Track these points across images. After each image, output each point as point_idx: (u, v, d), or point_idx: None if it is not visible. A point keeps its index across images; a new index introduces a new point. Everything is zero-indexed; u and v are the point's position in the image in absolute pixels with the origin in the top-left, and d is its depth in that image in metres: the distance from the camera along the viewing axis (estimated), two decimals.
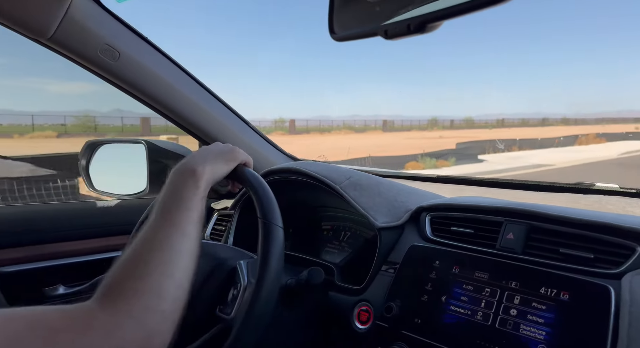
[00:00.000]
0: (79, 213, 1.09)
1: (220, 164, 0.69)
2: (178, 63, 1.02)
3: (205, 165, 0.66)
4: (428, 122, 55.61)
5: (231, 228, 1.06)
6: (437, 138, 26.27)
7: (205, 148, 0.71)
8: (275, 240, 0.69)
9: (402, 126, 47.09)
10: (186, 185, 0.62)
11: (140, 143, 1.22)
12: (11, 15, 0.76)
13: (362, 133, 36.03)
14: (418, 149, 16.98)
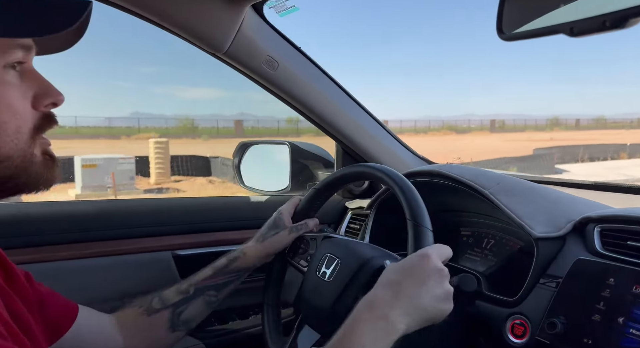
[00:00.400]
0: (237, 205, 1.22)
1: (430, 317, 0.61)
2: (324, 69, 1.09)
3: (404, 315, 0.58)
4: (548, 122, 49.30)
5: (367, 227, 1.09)
6: (546, 140, 22.93)
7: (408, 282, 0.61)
8: (426, 242, 0.69)
9: (515, 126, 41.74)
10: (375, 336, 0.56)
11: (284, 144, 1.32)
12: (194, 33, 0.89)
13: (463, 134, 32.83)
14: (499, 153, 15.09)
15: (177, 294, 0.81)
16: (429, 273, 0.61)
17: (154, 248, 1.01)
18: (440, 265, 0.63)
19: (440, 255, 0.65)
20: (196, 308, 0.81)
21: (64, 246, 0.91)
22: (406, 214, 0.73)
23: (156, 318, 0.78)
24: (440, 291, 0.61)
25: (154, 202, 1.21)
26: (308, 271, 0.82)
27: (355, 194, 1.28)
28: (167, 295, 0.80)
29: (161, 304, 0.79)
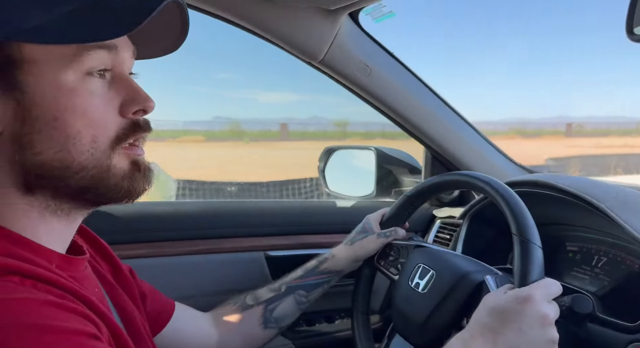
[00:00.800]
0: (325, 210, 1.25)
1: None
2: (416, 74, 1.07)
3: None
4: (638, 126, 42.68)
5: (459, 237, 1.05)
6: (619, 147, 19.37)
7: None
8: (535, 260, 0.65)
9: (596, 130, 36.13)
10: None
11: (370, 149, 1.32)
12: (292, 42, 0.92)
13: (532, 138, 28.94)
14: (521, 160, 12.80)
15: (269, 291, 0.84)
16: (529, 322, 0.55)
17: (248, 248, 1.06)
18: (544, 310, 0.56)
19: (547, 295, 0.58)
20: (287, 306, 0.83)
21: (169, 243, 0.99)
22: (512, 228, 0.69)
23: (249, 314, 0.81)
24: (542, 342, 0.55)
25: (249, 204, 1.27)
26: (400, 281, 0.81)
27: (443, 202, 1.24)
28: (259, 293, 0.84)
29: (254, 301, 0.82)
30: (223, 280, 1.03)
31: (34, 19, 0.42)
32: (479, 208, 1.02)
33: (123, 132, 0.48)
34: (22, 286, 0.39)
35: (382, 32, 0.97)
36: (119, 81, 0.48)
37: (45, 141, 0.44)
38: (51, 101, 0.44)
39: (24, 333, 0.35)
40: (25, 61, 0.43)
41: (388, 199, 1.33)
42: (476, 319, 0.59)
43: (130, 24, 0.43)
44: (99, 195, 0.48)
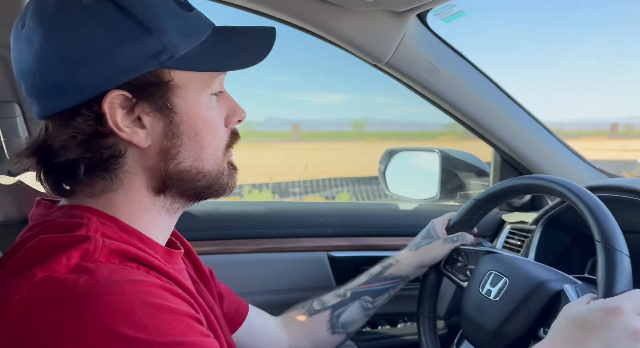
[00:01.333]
0: (387, 212, 1.25)
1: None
2: (485, 73, 1.03)
3: None
4: None
5: (532, 244, 1.00)
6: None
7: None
8: (622, 269, 0.60)
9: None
10: None
11: (434, 151, 1.29)
12: (359, 45, 0.93)
13: (571, 139, 25.42)
14: None
15: (334, 297, 0.85)
16: (618, 336, 0.51)
17: (311, 248, 1.08)
18: (635, 324, 0.52)
19: (638, 307, 0.54)
20: (353, 312, 0.83)
21: (237, 242, 1.03)
22: (595, 235, 0.64)
23: (317, 318, 0.82)
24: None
25: (312, 205, 1.29)
26: (470, 287, 0.79)
27: (514, 206, 1.19)
28: (325, 298, 0.85)
29: (320, 305, 0.84)
30: (287, 279, 1.06)
31: (182, 49, 0.49)
32: (554, 213, 0.96)
33: (229, 140, 0.56)
34: (139, 271, 0.45)
35: (453, 32, 0.95)
36: (223, 96, 0.56)
37: (187, 152, 0.52)
38: (194, 119, 0.51)
39: (146, 310, 0.41)
40: (176, 85, 0.50)
41: (453, 203, 1.30)
42: (557, 329, 0.56)
43: (259, 55, 0.52)
44: (210, 193, 0.56)
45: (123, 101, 0.48)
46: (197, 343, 0.43)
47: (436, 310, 0.89)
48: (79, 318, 0.38)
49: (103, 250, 0.43)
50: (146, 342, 0.39)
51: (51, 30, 0.46)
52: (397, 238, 1.14)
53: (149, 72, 0.48)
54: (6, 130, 0.91)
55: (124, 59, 0.47)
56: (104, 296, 0.40)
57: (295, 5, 0.85)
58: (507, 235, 1.13)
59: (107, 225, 0.49)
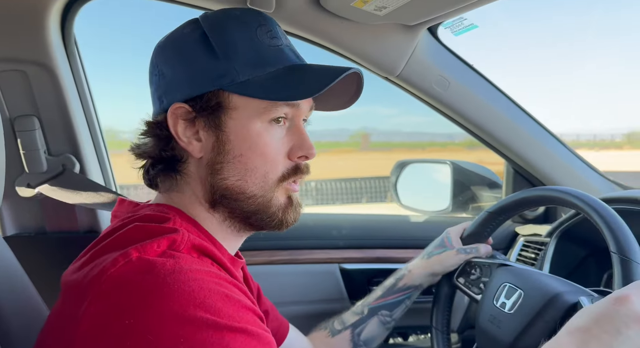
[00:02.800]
0: (399, 224, 1.24)
1: None
2: (496, 85, 1.04)
3: None
4: None
5: (546, 257, 0.99)
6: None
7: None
8: (638, 279, 0.60)
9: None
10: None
11: (445, 163, 1.29)
12: (370, 59, 0.94)
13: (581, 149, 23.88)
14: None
15: (353, 315, 0.85)
16: (627, 322, 0.50)
17: (323, 260, 1.08)
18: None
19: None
20: (373, 328, 0.84)
21: (257, 253, 1.03)
22: (610, 246, 0.64)
23: (339, 339, 0.84)
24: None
25: (324, 217, 1.30)
26: (483, 300, 0.78)
27: (527, 219, 1.18)
28: (345, 317, 0.86)
29: (341, 325, 0.85)
30: (299, 291, 1.06)
31: (244, 76, 0.54)
32: (569, 225, 0.95)
33: (287, 172, 0.58)
34: (213, 266, 0.50)
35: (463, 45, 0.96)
36: (295, 129, 0.58)
37: (231, 170, 0.55)
38: (241, 140, 0.55)
39: (220, 297, 0.45)
40: (230, 107, 0.55)
41: (465, 215, 1.29)
42: (568, 324, 0.55)
43: (314, 90, 0.54)
44: (259, 220, 0.57)
45: (185, 113, 0.55)
46: (261, 335, 0.46)
47: (450, 324, 0.88)
48: (164, 294, 0.43)
49: (187, 243, 0.49)
50: (220, 325, 0.43)
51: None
52: (408, 250, 1.14)
53: (210, 92, 0.54)
54: (25, 143, 0.94)
55: (191, 78, 0.55)
56: (186, 280, 0.44)
57: (309, 20, 0.87)
58: (520, 247, 1.12)
59: (188, 223, 0.54)
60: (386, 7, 0.78)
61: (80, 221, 1.02)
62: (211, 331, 0.42)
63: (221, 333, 0.42)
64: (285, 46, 0.58)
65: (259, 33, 0.57)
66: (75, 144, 0.96)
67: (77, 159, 0.97)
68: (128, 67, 23.25)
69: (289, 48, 0.59)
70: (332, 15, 0.85)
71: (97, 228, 1.03)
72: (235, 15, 0.58)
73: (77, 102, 0.96)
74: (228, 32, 0.56)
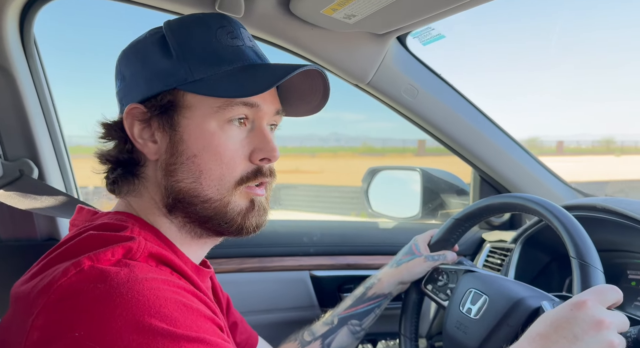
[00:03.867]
0: (369, 231, 1.25)
1: None
2: (463, 94, 1.06)
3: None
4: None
5: (511, 262, 1.01)
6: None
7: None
8: (596, 284, 0.62)
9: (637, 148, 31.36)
10: None
11: (415, 170, 1.31)
12: (341, 66, 0.95)
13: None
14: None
15: (323, 326, 0.84)
16: (583, 327, 0.52)
17: (293, 268, 1.07)
18: (599, 315, 0.53)
19: (603, 300, 0.55)
20: (343, 338, 0.83)
21: (226, 260, 1.01)
22: (570, 251, 0.66)
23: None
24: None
25: (294, 224, 1.28)
26: (450, 306, 0.79)
27: (493, 225, 1.21)
28: (315, 328, 0.85)
29: (311, 336, 0.84)
30: (269, 298, 1.05)
31: (198, 74, 0.53)
32: (533, 232, 0.98)
33: (247, 175, 0.55)
34: (172, 275, 0.48)
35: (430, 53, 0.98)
36: (256, 131, 0.56)
37: (185, 171, 0.53)
38: (194, 140, 0.53)
39: (177, 307, 0.43)
40: (184, 106, 0.53)
41: (434, 222, 1.31)
42: (529, 331, 0.57)
43: (263, 86, 0.52)
44: (217, 226, 0.55)
45: (140, 114, 0.54)
46: (220, 344, 0.45)
47: (418, 330, 0.89)
48: (117, 304, 0.41)
49: (144, 251, 0.47)
50: (175, 335, 0.42)
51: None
52: (379, 256, 1.15)
53: (164, 92, 0.53)
54: None
55: (147, 79, 0.54)
56: (141, 289, 0.43)
57: (279, 26, 0.86)
58: (487, 253, 1.14)
59: (148, 232, 0.52)
60: (355, 16, 0.79)
61: (39, 228, 0.97)
62: (167, 341, 0.41)
63: (177, 343, 0.41)
64: (247, 47, 0.56)
65: (218, 34, 0.55)
66: (33, 149, 0.92)
67: (36, 164, 0.93)
68: (98, 68, 22.58)
69: (251, 49, 0.57)
70: (302, 22, 0.85)
71: (57, 236, 0.99)
72: (197, 18, 0.57)
73: (36, 105, 0.93)
74: (186, 33, 0.55)
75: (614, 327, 0.53)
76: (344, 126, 60.29)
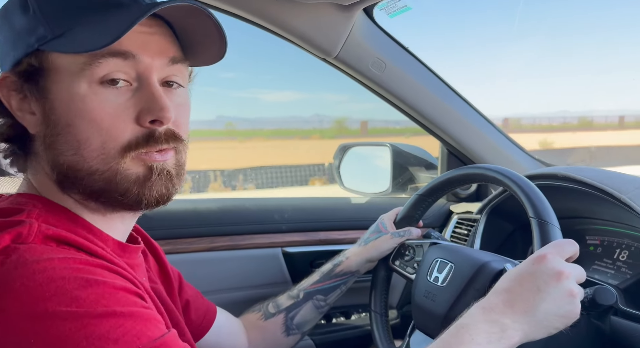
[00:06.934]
0: (341, 206, 1.25)
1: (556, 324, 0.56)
2: (431, 68, 1.06)
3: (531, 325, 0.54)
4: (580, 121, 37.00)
5: (477, 233, 1.04)
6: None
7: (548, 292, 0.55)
8: (555, 240, 0.64)
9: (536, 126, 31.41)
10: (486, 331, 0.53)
11: (385, 145, 1.32)
12: (308, 39, 0.93)
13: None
14: None
15: (288, 299, 0.85)
16: (545, 279, 0.55)
17: (265, 245, 1.07)
18: (559, 266, 0.56)
19: (561, 253, 0.58)
20: (307, 312, 0.84)
21: (196, 240, 1.00)
22: (529, 212, 0.69)
23: (272, 322, 0.83)
24: (560, 297, 0.54)
25: (266, 201, 1.28)
26: (418, 277, 0.81)
27: (461, 197, 1.23)
28: (280, 301, 0.85)
29: (276, 309, 0.84)
30: (241, 276, 1.05)
31: (60, 29, 0.46)
32: (497, 202, 1.01)
33: (136, 140, 0.48)
34: (78, 253, 0.44)
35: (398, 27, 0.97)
36: (143, 89, 0.49)
37: (63, 143, 0.48)
38: (65, 107, 0.47)
39: (77, 284, 0.40)
40: (51, 69, 0.47)
41: (404, 196, 1.33)
42: (494, 287, 0.59)
43: (117, 32, 0.45)
44: (112, 199, 0.49)
45: (13, 83, 0.48)
46: (135, 313, 0.42)
47: (387, 305, 0.91)
48: (5, 293, 0.38)
49: (38, 235, 0.43)
50: (77, 314, 0.39)
51: None
52: (351, 231, 1.16)
53: (28, 55, 0.47)
54: None
55: (12, 43, 0.48)
56: (30, 274, 0.39)
57: None
58: (454, 225, 1.17)
59: (54, 213, 0.48)
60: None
61: None
62: (67, 323, 0.38)
63: (81, 322, 0.39)
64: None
65: None
66: None
67: None
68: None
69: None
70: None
71: None
72: None
73: None
74: None
75: (572, 277, 0.56)
76: (329, 107, 60.00)
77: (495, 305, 0.56)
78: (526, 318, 0.54)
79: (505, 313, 0.54)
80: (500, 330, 0.53)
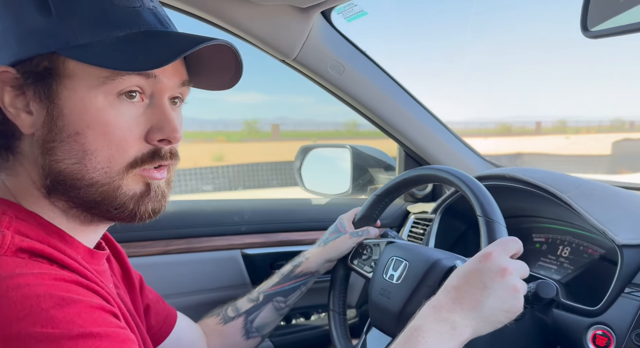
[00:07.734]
0: (301, 208, 1.26)
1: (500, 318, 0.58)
2: (388, 72, 1.09)
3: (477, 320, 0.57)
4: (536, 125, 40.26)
5: (432, 232, 1.08)
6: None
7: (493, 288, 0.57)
8: (500, 237, 0.68)
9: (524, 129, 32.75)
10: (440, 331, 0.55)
11: (345, 147, 1.34)
12: (266, 41, 0.93)
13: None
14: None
15: (248, 302, 0.85)
16: (490, 275, 0.57)
17: (224, 247, 1.06)
18: (504, 263, 0.58)
19: (506, 250, 0.61)
20: (267, 315, 0.84)
21: (151, 243, 0.97)
22: (477, 210, 0.72)
23: (232, 325, 0.82)
24: (504, 292, 0.57)
25: (224, 203, 1.26)
26: (374, 276, 0.83)
27: (417, 198, 1.27)
28: (239, 304, 0.85)
29: (235, 312, 0.83)
30: (200, 279, 1.03)
31: (84, 38, 0.46)
32: (450, 202, 1.05)
33: (142, 157, 0.49)
34: (51, 266, 0.43)
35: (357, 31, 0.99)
36: (155, 108, 0.49)
37: (66, 151, 0.47)
38: (77, 116, 0.46)
39: (53, 302, 0.39)
40: (65, 75, 0.46)
41: (364, 197, 1.35)
42: (444, 285, 0.61)
43: (162, 60, 0.46)
44: (105, 212, 0.49)
45: (11, 79, 0.46)
46: (111, 334, 0.41)
47: (346, 304, 0.92)
48: None
49: (10, 246, 0.41)
50: (53, 336, 0.37)
51: None
52: (311, 232, 1.16)
53: (41, 55, 0.46)
54: None
55: (19, 38, 0.46)
56: (4, 291, 0.38)
57: None
58: (411, 224, 1.20)
59: (25, 221, 0.46)
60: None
61: None
62: (42, 345, 0.37)
63: (56, 345, 0.37)
64: (146, 9, 0.49)
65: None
66: None
67: None
68: None
69: (151, 12, 0.50)
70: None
71: None
72: None
73: None
74: None
75: (516, 273, 0.59)
76: (295, 110, 59.56)
77: (445, 303, 0.58)
78: (474, 314, 0.56)
79: (455, 311, 0.56)
80: (451, 328, 0.55)
